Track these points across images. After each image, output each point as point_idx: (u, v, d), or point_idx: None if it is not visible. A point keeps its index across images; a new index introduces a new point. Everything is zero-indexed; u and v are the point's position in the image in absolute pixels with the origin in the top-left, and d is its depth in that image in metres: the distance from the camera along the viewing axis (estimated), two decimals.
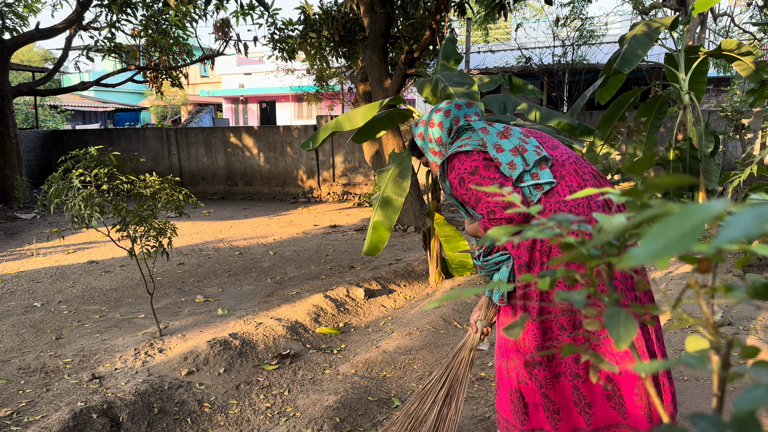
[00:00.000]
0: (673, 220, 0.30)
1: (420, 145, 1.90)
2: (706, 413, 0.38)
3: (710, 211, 0.29)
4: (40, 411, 2.43)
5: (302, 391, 2.70)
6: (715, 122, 7.19)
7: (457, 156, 1.65)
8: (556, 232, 0.64)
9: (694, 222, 0.28)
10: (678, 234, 0.28)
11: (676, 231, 0.28)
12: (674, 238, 0.28)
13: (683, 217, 0.29)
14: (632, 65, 3.79)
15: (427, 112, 1.92)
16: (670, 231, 0.29)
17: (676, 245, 0.28)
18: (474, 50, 13.89)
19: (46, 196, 2.97)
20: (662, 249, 0.28)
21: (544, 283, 0.63)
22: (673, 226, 0.29)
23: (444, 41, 4.10)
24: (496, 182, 1.56)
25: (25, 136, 10.52)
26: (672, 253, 0.28)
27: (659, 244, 0.29)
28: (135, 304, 4.10)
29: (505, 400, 1.73)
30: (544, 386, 1.60)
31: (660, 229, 0.30)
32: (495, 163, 1.59)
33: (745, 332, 3.20)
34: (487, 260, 1.73)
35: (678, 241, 0.28)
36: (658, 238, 0.29)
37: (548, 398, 1.61)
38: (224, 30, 8.17)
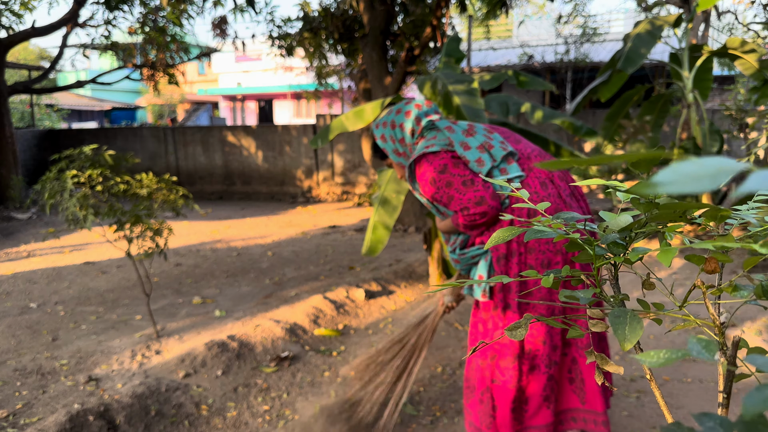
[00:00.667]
0: (692, 163, 0.30)
1: (383, 147, 1.90)
2: (712, 413, 0.38)
3: (729, 165, 0.29)
4: (36, 413, 2.40)
5: (301, 393, 2.66)
6: (719, 121, 7.16)
7: (425, 157, 1.66)
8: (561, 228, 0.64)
9: (714, 169, 0.29)
10: (696, 173, 0.29)
11: (695, 170, 0.29)
12: (692, 175, 0.29)
13: (702, 163, 0.30)
14: (636, 65, 3.75)
15: (384, 113, 1.91)
16: (689, 168, 0.29)
17: (696, 183, 0.28)
18: (475, 48, 13.85)
19: (39, 197, 2.92)
20: (682, 181, 0.29)
21: (548, 280, 0.63)
22: (691, 167, 0.30)
23: (448, 39, 4.05)
24: (466, 179, 1.58)
25: (21, 135, 10.45)
26: (690, 188, 0.28)
27: (680, 176, 0.29)
28: (132, 306, 4.05)
29: (475, 401, 1.73)
30: (516, 382, 1.62)
31: (678, 167, 0.30)
32: (463, 161, 1.62)
33: (751, 333, 3.16)
34: (464, 254, 1.73)
35: (696, 180, 0.28)
36: (679, 171, 0.29)
37: (522, 392, 1.64)
38: (222, 27, 8.11)
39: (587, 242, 0.64)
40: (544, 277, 0.67)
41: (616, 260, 0.63)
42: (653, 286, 0.69)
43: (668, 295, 0.65)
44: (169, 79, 9.52)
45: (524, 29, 13.33)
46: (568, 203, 1.61)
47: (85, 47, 9.41)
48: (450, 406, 2.53)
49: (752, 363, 0.39)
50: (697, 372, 2.77)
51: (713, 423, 0.37)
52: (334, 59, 8.32)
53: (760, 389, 0.33)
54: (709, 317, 0.60)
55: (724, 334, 0.58)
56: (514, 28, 13.82)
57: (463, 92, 2.93)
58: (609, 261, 0.63)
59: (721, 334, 0.59)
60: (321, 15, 6.83)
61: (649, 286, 0.71)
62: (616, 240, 0.62)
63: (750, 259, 0.59)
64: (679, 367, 2.83)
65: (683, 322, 0.63)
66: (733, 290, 0.60)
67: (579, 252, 0.65)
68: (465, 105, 2.72)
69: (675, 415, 2.35)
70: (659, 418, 2.36)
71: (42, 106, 16.61)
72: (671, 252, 0.55)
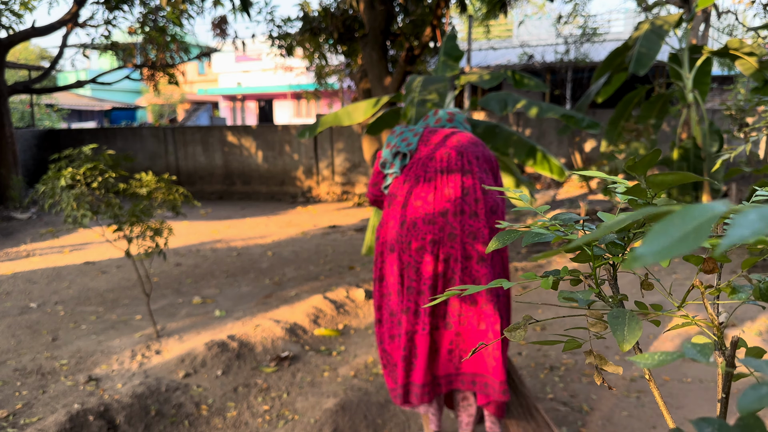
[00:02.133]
0: (676, 219, 0.29)
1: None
2: (710, 418, 0.38)
3: (714, 211, 0.28)
4: (36, 413, 2.40)
5: (301, 393, 2.66)
6: (719, 121, 7.16)
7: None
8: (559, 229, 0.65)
9: (699, 222, 0.28)
10: (682, 234, 0.27)
11: (680, 230, 0.28)
12: (678, 238, 0.27)
13: (686, 216, 0.28)
14: (647, 66, 3.75)
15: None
16: (674, 230, 0.28)
17: (680, 246, 0.27)
18: (475, 47, 13.85)
19: (39, 197, 2.92)
20: (666, 249, 0.27)
21: (546, 282, 0.64)
22: (676, 225, 0.28)
23: (445, 38, 4.05)
24: (373, 170, 2.07)
25: (21, 135, 10.44)
26: (676, 253, 0.27)
27: (663, 244, 0.28)
28: (131, 305, 4.05)
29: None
30: (384, 346, 1.94)
31: (663, 228, 0.28)
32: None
33: (750, 333, 3.16)
34: None
35: (682, 242, 0.27)
36: (661, 238, 0.28)
37: (389, 355, 1.93)
38: (222, 27, 8.11)
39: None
40: (544, 279, 0.67)
41: (615, 260, 0.63)
42: (651, 286, 0.69)
43: (667, 296, 0.65)
44: (169, 79, 9.52)
45: (524, 29, 13.32)
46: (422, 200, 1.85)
47: (85, 47, 9.41)
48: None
49: (748, 365, 0.39)
50: (697, 372, 2.77)
51: (711, 428, 0.37)
52: (334, 59, 8.32)
53: (755, 388, 0.33)
54: (708, 317, 0.60)
55: (723, 334, 0.58)
56: (514, 27, 13.81)
57: (421, 101, 3.05)
58: (607, 261, 0.63)
59: (719, 335, 0.59)
60: (321, 15, 6.83)
61: (647, 287, 0.71)
62: (615, 240, 0.62)
63: (748, 259, 0.59)
64: (679, 368, 2.83)
65: (682, 323, 0.64)
66: (731, 290, 0.60)
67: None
68: (417, 113, 2.97)
69: (675, 415, 2.35)
70: (659, 419, 2.36)
71: (42, 105, 16.61)
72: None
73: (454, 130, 1.98)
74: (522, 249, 5.51)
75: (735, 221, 0.27)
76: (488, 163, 1.91)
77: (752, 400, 0.32)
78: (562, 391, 2.65)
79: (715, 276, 0.63)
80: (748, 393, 0.32)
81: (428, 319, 1.79)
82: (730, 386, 0.56)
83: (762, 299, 0.57)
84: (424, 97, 3.08)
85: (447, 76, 3.32)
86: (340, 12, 6.62)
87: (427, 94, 3.10)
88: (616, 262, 0.64)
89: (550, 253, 0.46)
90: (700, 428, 0.37)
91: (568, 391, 2.65)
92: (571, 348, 0.66)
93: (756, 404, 0.32)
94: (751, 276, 0.62)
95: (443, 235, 1.77)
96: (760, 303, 0.61)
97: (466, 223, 1.78)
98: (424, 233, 1.78)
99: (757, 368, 0.38)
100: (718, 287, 0.61)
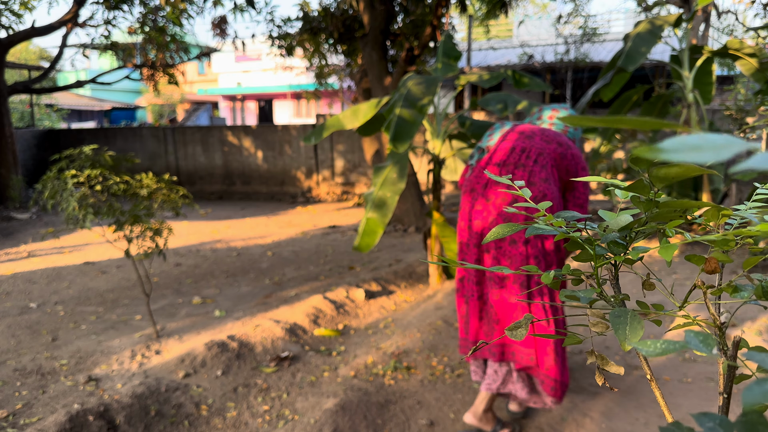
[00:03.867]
0: (701, 137, 0.31)
1: None
2: (712, 413, 0.38)
3: (734, 141, 0.30)
4: (36, 413, 2.40)
5: (301, 393, 2.66)
6: (719, 121, 7.16)
7: None
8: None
9: (722, 143, 0.29)
10: (700, 145, 0.29)
11: (700, 142, 0.29)
12: (701, 146, 0.29)
13: (711, 137, 0.31)
14: (636, 63, 3.75)
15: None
16: (698, 141, 0.30)
17: (701, 153, 0.29)
18: (475, 47, 13.85)
19: (40, 197, 2.92)
20: (688, 149, 0.29)
21: (547, 277, 0.65)
22: (696, 139, 0.30)
23: (443, 38, 4.05)
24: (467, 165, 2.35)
25: (20, 135, 10.44)
26: (695, 157, 0.28)
27: (686, 146, 0.29)
28: (131, 306, 4.04)
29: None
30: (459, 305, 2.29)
31: (689, 138, 0.30)
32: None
33: (751, 333, 3.16)
34: None
35: (703, 150, 0.29)
36: (686, 141, 0.30)
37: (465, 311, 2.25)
38: (222, 27, 8.11)
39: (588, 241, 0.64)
40: (544, 274, 0.67)
41: (617, 260, 0.62)
42: (653, 286, 0.69)
43: (668, 296, 0.65)
44: (169, 79, 9.52)
45: (524, 29, 13.33)
46: (479, 192, 2.13)
47: (85, 47, 9.41)
48: (453, 407, 2.52)
49: (751, 359, 0.39)
50: (698, 372, 2.77)
51: (713, 423, 0.37)
52: (334, 59, 8.32)
53: (759, 383, 0.33)
54: (710, 317, 0.60)
55: (725, 334, 0.58)
56: (514, 27, 13.82)
57: (408, 104, 3.07)
58: (609, 261, 0.62)
59: (721, 334, 0.59)
60: (321, 15, 6.83)
61: (649, 287, 0.71)
62: (616, 239, 0.62)
63: (750, 259, 0.59)
64: (680, 367, 2.82)
65: (683, 323, 0.64)
66: (733, 290, 0.60)
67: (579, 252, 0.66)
68: (400, 116, 3.01)
69: (675, 415, 2.35)
70: (660, 419, 2.36)
71: (42, 105, 16.61)
72: (672, 248, 0.55)
73: (534, 127, 2.18)
74: None
75: (756, 155, 0.30)
76: (551, 159, 2.08)
77: (757, 395, 0.32)
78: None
79: (716, 276, 0.63)
80: (752, 388, 0.32)
81: (475, 288, 2.16)
82: (732, 386, 0.56)
83: (764, 298, 0.57)
84: (412, 99, 3.07)
85: (439, 77, 3.32)
86: (340, 12, 6.62)
87: (415, 96, 3.09)
88: (618, 261, 0.64)
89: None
90: (702, 422, 0.37)
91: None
92: (571, 344, 0.66)
93: (760, 399, 0.32)
94: (753, 276, 0.62)
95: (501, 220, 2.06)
96: (761, 303, 0.60)
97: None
98: (491, 214, 2.09)
99: (760, 362, 0.38)
100: (719, 287, 0.61)
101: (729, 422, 0.37)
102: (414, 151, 3.71)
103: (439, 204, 4.05)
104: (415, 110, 3.00)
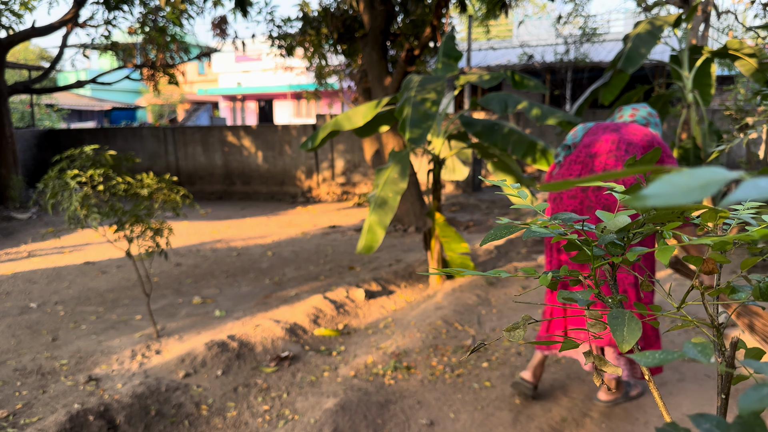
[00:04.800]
0: (685, 174, 0.31)
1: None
2: (709, 414, 0.38)
3: (723, 175, 0.30)
4: (36, 413, 2.40)
5: (301, 393, 2.66)
6: (719, 121, 7.17)
7: None
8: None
9: (707, 180, 0.30)
10: (689, 185, 0.29)
11: (688, 183, 0.29)
12: (685, 188, 0.29)
13: (695, 173, 0.31)
14: (636, 65, 3.75)
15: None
16: (682, 181, 0.30)
17: (686, 195, 0.29)
18: (475, 48, 13.86)
19: (40, 197, 2.93)
20: (671, 194, 0.29)
21: (545, 279, 0.66)
22: (685, 178, 0.30)
23: (444, 38, 4.05)
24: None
25: (21, 135, 10.45)
26: (679, 200, 0.28)
27: (669, 190, 0.29)
28: (131, 305, 4.05)
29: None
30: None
31: (672, 178, 0.30)
32: None
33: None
34: None
35: (687, 192, 0.29)
36: (668, 185, 0.30)
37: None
38: (222, 27, 8.11)
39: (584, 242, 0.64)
40: (542, 276, 0.67)
41: (614, 261, 0.63)
42: (651, 287, 0.69)
43: (666, 296, 0.65)
44: (169, 79, 9.53)
45: (524, 29, 13.34)
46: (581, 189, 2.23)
47: (85, 47, 9.41)
48: (452, 407, 2.53)
49: (749, 366, 0.39)
50: (697, 371, 2.77)
51: (709, 424, 0.37)
52: (334, 59, 8.32)
53: (756, 388, 0.33)
54: (708, 318, 0.60)
55: (723, 334, 0.58)
56: (514, 28, 13.83)
57: (419, 101, 3.08)
58: (607, 261, 0.63)
59: (719, 335, 0.59)
60: (321, 15, 6.83)
61: (647, 287, 0.71)
62: (614, 240, 0.62)
63: (748, 260, 0.59)
64: (678, 368, 2.83)
65: (681, 323, 0.64)
66: (731, 291, 0.60)
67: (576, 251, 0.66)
68: (413, 111, 3.05)
69: (674, 415, 2.36)
70: (659, 419, 2.36)
71: (42, 106, 16.61)
72: (669, 250, 0.55)
73: (618, 123, 2.30)
74: (522, 249, 5.51)
75: (745, 184, 0.30)
76: (640, 148, 2.16)
77: (753, 400, 0.32)
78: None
79: (714, 277, 0.63)
80: (749, 393, 0.32)
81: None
82: (730, 387, 0.56)
83: (762, 299, 0.57)
84: (423, 96, 3.09)
85: (445, 75, 3.33)
86: (340, 12, 6.63)
87: (425, 93, 3.11)
88: (616, 262, 0.64)
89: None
90: (698, 424, 0.37)
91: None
92: (568, 348, 0.67)
93: (757, 404, 0.32)
94: (751, 276, 0.62)
95: (582, 208, 2.15)
96: (759, 303, 0.60)
97: (602, 197, 2.10)
98: (566, 206, 2.21)
99: (757, 369, 0.38)
100: (717, 288, 0.61)
101: (726, 424, 0.37)
102: (414, 152, 3.72)
103: (439, 204, 4.06)
104: (428, 106, 3.04)
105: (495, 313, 3.67)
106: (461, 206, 8.45)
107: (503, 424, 2.35)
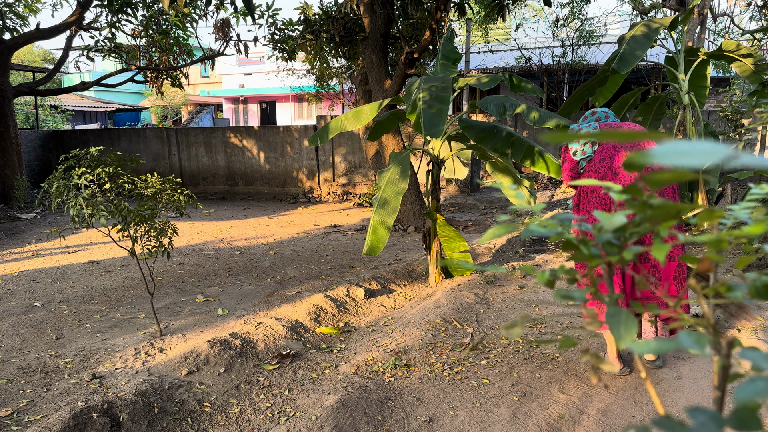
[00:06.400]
0: (689, 143, 0.34)
1: None
2: (704, 408, 0.38)
3: (721, 147, 0.33)
4: (40, 411, 2.43)
5: (302, 390, 2.70)
6: (714, 122, 7.20)
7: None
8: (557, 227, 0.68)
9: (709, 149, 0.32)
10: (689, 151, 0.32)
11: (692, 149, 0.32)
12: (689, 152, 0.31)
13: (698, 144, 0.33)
14: (630, 66, 3.79)
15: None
16: (685, 146, 0.32)
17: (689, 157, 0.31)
18: (474, 50, 13.90)
19: (46, 196, 2.98)
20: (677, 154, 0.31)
21: (543, 277, 0.67)
22: (687, 145, 0.33)
23: (442, 40, 4.10)
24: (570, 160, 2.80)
25: (25, 136, 10.53)
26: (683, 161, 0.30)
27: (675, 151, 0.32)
28: (135, 304, 4.10)
29: None
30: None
31: (678, 144, 0.33)
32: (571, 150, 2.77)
33: (746, 332, 3.19)
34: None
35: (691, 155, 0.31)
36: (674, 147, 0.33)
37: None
38: (224, 30, 8.18)
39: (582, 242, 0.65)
40: (540, 274, 0.67)
41: (611, 259, 0.62)
42: (648, 286, 0.71)
43: (663, 295, 0.66)
44: (172, 82, 9.59)
45: (522, 32, 13.38)
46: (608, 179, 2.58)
47: (89, 49, 9.49)
48: (451, 404, 2.57)
49: (745, 358, 0.39)
50: (691, 371, 2.81)
51: (705, 417, 0.37)
52: (335, 62, 8.38)
53: (752, 381, 0.34)
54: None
55: (719, 333, 0.57)
56: (512, 31, 13.87)
57: (428, 99, 3.13)
58: (604, 260, 0.63)
59: (715, 333, 0.57)
60: (322, 18, 6.89)
61: (643, 287, 0.71)
62: (611, 240, 0.62)
63: (744, 259, 0.59)
64: (675, 366, 2.86)
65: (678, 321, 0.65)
66: (727, 289, 0.58)
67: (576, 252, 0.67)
68: (425, 109, 3.10)
69: (671, 413, 2.39)
70: (655, 417, 2.39)
71: (46, 107, 16.71)
72: (665, 248, 0.55)
73: (622, 123, 2.67)
74: (520, 249, 5.55)
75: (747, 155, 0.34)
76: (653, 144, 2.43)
77: (750, 392, 0.33)
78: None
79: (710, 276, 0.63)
80: (745, 386, 0.34)
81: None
82: (726, 384, 0.57)
83: (758, 298, 0.57)
84: (429, 96, 3.12)
85: (448, 75, 3.38)
86: (341, 15, 6.68)
87: (435, 92, 3.14)
88: (613, 261, 0.64)
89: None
90: (694, 416, 0.38)
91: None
92: (566, 347, 0.67)
93: (753, 396, 0.32)
94: (747, 275, 0.61)
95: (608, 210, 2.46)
96: (755, 302, 0.62)
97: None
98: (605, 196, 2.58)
99: (755, 361, 0.39)
100: (713, 286, 0.60)
101: (720, 417, 0.37)
102: (414, 153, 3.77)
103: (438, 204, 4.10)
104: (439, 102, 3.12)
105: (493, 311, 3.71)
106: (460, 206, 8.49)
107: (501, 421, 2.38)
